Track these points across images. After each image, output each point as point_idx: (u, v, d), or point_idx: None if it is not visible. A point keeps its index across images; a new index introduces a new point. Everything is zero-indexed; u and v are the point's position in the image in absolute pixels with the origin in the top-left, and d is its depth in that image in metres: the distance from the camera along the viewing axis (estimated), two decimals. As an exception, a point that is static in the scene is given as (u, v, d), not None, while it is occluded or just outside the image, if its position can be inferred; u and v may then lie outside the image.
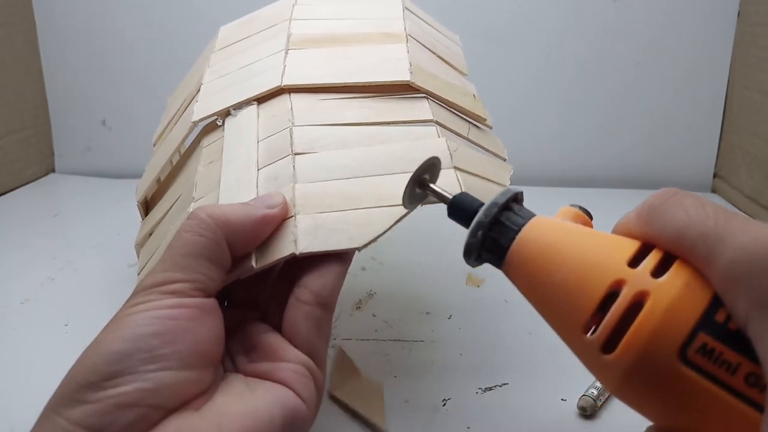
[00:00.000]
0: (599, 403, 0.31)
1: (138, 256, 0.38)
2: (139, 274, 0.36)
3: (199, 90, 0.39)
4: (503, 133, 0.40)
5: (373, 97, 0.34)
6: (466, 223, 0.25)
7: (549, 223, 0.24)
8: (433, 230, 0.49)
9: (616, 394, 0.21)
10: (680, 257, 0.20)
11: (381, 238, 0.27)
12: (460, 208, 0.26)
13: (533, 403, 0.32)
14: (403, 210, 0.27)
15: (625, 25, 0.66)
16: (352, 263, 0.29)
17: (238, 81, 0.38)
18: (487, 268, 0.26)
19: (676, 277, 0.20)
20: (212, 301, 0.24)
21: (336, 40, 0.38)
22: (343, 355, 0.34)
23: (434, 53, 0.40)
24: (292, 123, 0.32)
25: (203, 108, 0.37)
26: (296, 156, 0.31)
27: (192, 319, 0.23)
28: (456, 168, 0.30)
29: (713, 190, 0.68)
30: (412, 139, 0.31)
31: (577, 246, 0.22)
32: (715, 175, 0.68)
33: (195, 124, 0.37)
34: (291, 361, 0.25)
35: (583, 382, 0.32)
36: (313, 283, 0.26)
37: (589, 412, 0.31)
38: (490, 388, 0.33)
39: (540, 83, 0.68)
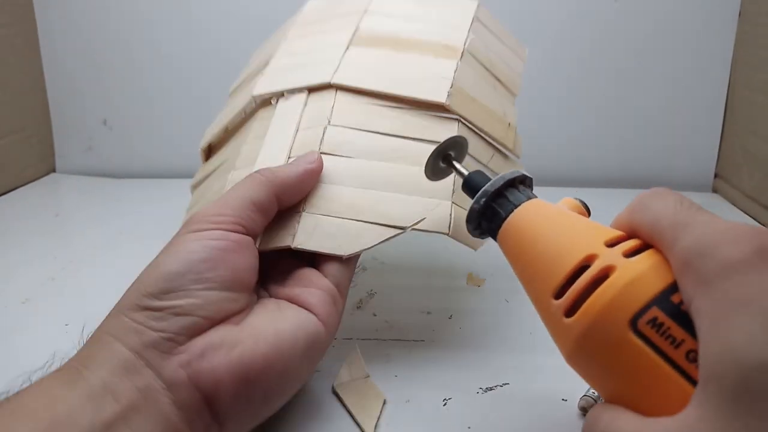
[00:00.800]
0: (600, 403, 0.31)
1: (191, 195, 0.45)
2: (188, 210, 0.42)
3: (268, 62, 0.42)
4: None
5: (410, 109, 0.36)
6: (474, 195, 0.28)
7: (545, 205, 0.26)
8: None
9: (570, 358, 0.23)
10: (654, 247, 0.22)
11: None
12: (473, 182, 0.29)
13: (534, 403, 0.32)
14: (392, 231, 0.31)
15: (625, 25, 0.66)
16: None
17: (299, 65, 0.40)
18: (488, 269, 0.26)
19: (644, 259, 0.22)
20: (250, 240, 0.29)
21: (397, 44, 0.40)
22: (356, 356, 0.34)
23: (489, 71, 0.40)
24: (329, 121, 0.35)
25: (265, 84, 0.41)
26: (321, 155, 0.34)
27: (233, 251, 0.28)
28: (454, 203, 0.32)
29: (714, 190, 0.68)
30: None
31: (564, 225, 0.25)
32: (716, 175, 0.68)
33: (254, 98, 0.40)
34: (320, 287, 0.30)
35: (584, 382, 0.32)
36: None
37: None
38: (491, 388, 0.33)
39: (540, 82, 0.68)
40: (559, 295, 0.23)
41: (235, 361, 0.25)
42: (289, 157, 0.35)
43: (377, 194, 0.32)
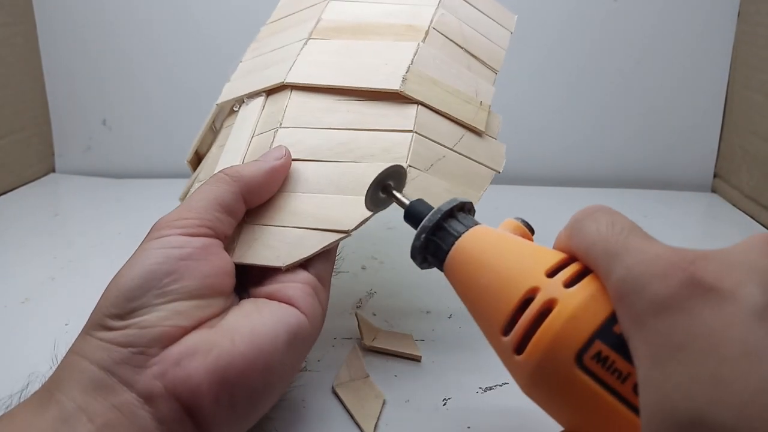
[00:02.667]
0: None
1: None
2: None
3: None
4: (502, 132, 0.39)
5: (365, 101, 0.35)
6: (416, 227, 0.27)
7: (487, 231, 0.26)
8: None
9: (527, 393, 0.23)
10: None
11: (380, 236, 0.28)
12: (414, 214, 0.28)
13: (533, 403, 0.32)
14: (335, 236, 0.29)
15: (625, 25, 0.66)
16: (352, 263, 0.30)
17: (260, 67, 0.40)
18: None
19: (584, 288, 0.21)
20: (217, 242, 0.28)
21: (357, 32, 0.38)
22: (356, 355, 0.34)
23: (461, 47, 0.39)
24: (280, 124, 0.34)
25: (228, 90, 0.40)
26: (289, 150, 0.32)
27: (197, 258, 0.26)
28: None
29: (713, 190, 0.68)
30: (381, 149, 0.32)
31: (506, 254, 0.24)
32: (715, 175, 0.68)
33: (218, 106, 0.40)
34: (299, 281, 0.29)
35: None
36: None
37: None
38: (491, 388, 0.33)
39: (539, 82, 0.68)
40: (506, 331, 0.22)
41: (212, 364, 0.24)
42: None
43: (320, 198, 0.31)
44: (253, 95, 0.38)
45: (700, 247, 0.21)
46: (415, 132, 0.33)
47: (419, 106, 0.34)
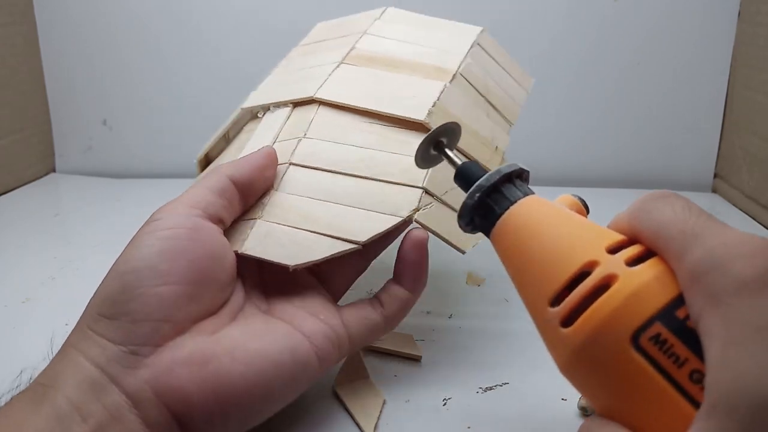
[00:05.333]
0: (593, 416, 0.31)
1: None
2: None
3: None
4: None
5: (389, 126, 0.36)
6: (468, 188, 0.26)
7: (543, 202, 0.25)
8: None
9: (565, 370, 0.22)
10: (659, 254, 0.21)
11: None
12: (467, 174, 0.27)
13: (534, 403, 0.32)
14: (346, 245, 0.29)
15: (625, 25, 0.66)
16: None
17: (291, 81, 0.41)
18: (488, 268, 0.26)
19: (648, 268, 0.20)
20: (213, 226, 0.27)
21: (388, 64, 0.40)
22: (357, 355, 0.34)
23: (483, 96, 0.40)
24: (304, 134, 0.35)
25: (255, 97, 0.41)
26: (290, 166, 0.33)
27: (188, 239, 0.25)
28: (417, 220, 0.31)
29: (713, 190, 0.68)
30: (400, 170, 0.33)
31: (564, 225, 0.23)
32: (715, 175, 0.68)
33: (243, 110, 0.41)
34: (327, 323, 0.28)
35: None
36: (391, 307, 0.30)
37: (589, 411, 0.31)
38: (491, 388, 0.33)
39: (539, 82, 0.68)
40: (555, 302, 0.22)
41: (208, 379, 0.23)
42: None
43: (336, 207, 0.31)
44: (280, 104, 0.39)
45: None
46: None
47: None
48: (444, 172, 0.33)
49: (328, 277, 0.32)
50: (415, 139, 0.34)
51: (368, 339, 0.30)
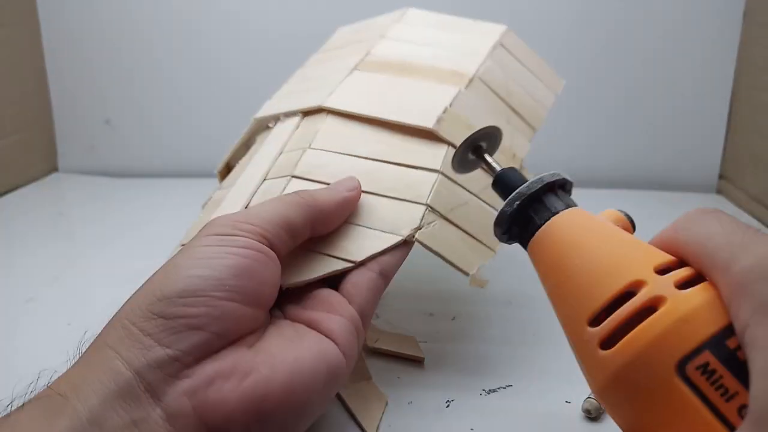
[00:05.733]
0: (604, 406, 0.31)
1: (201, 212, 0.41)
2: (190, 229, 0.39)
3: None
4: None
5: (397, 134, 0.35)
6: (506, 196, 0.25)
7: (586, 215, 0.24)
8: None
9: (601, 392, 0.21)
10: (705, 274, 0.20)
11: None
12: (506, 181, 0.26)
13: (537, 405, 0.32)
14: (341, 264, 0.29)
15: (630, 26, 0.65)
16: None
17: (302, 90, 0.41)
18: (489, 268, 0.26)
19: (699, 292, 0.19)
20: (275, 255, 0.26)
21: (402, 70, 0.39)
22: (360, 358, 0.34)
23: (503, 100, 0.39)
24: (309, 145, 0.34)
25: (267, 107, 0.41)
26: (292, 178, 0.33)
27: (259, 262, 0.25)
28: (418, 240, 0.30)
29: (718, 191, 0.68)
30: (405, 185, 0.32)
31: (607, 241, 0.22)
32: (720, 176, 0.68)
33: (256, 120, 0.40)
34: (344, 315, 0.27)
35: (588, 384, 0.32)
36: (381, 257, 0.29)
37: (593, 414, 0.30)
38: (494, 390, 0.33)
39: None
40: (595, 322, 0.20)
41: (249, 391, 0.22)
42: (264, 180, 0.34)
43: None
44: (289, 114, 0.38)
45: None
46: (441, 173, 0.32)
47: (450, 147, 0.34)
48: (450, 187, 0.33)
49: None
50: (424, 148, 0.34)
51: (374, 303, 0.29)
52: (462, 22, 0.44)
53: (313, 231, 0.29)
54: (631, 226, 0.24)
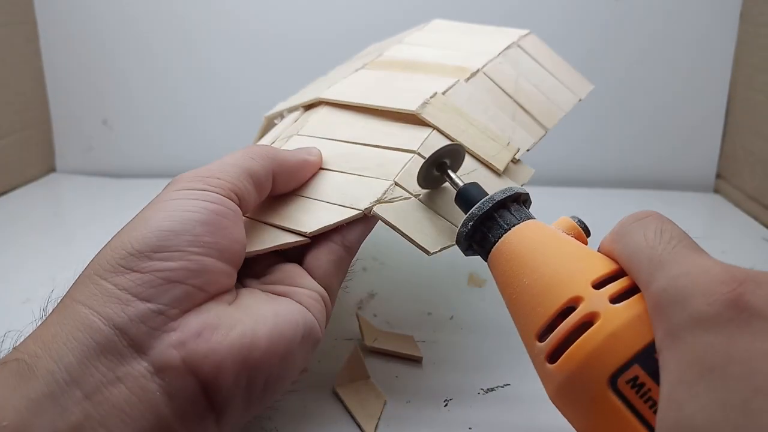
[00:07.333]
0: None
1: None
2: None
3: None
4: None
5: (384, 120, 0.35)
6: (467, 211, 0.26)
7: (538, 228, 0.24)
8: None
9: (553, 401, 0.22)
10: (638, 285, 0.20)
11: (382, 237, 0.28)
12: (466, 198, 0.27)
13: (535, 405, 0.32)
14: (291, 237, 0.28)
15: (626, 25, 0.66)
16: (353, 264, 0.30)
17: (311, 89, 0.42)
18: (488, 268, 0.26)
19: (630, 306, 0.20)
20: (240, 213, 0.26)
21: (407, 66, 0.39)
22: (357, 356, 0.34)
23: (510, 96, 0.38)
24: (298, 132, 0.35)
25: (279, 106, 0.42)
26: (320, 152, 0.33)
27: (231, 220, 0.25)
28: (375, 213, 0.29)
29: (716, 191, 0.68)
30: (376, 164, 0.32)
31: (553, 256, 0.23)
32: (717, 176, 0.68)
33: (266, 119, 0.42)
34: (308, 288, 0.27)
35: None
36: (344, 230, 0.29)
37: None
38: (492, 389, 0.33)
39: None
40: (542, 336, 0.22)
41: (237, 342, 0.22)
42: None
43: (300, 200, 0.30)
44: (292, 109, 0.40)
45: (702, 247, 0.20)
46: (418, 153, 0.32)
47: (434, 131, 0.34)
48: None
49: (287, 251, 0.30)
50: (406, 132, 0.34)
51: (340, 278, 0.29)
52: (484, 28, 0.45)
53: (275, 186, 0.28)
54: (584, 232, 0.25)
